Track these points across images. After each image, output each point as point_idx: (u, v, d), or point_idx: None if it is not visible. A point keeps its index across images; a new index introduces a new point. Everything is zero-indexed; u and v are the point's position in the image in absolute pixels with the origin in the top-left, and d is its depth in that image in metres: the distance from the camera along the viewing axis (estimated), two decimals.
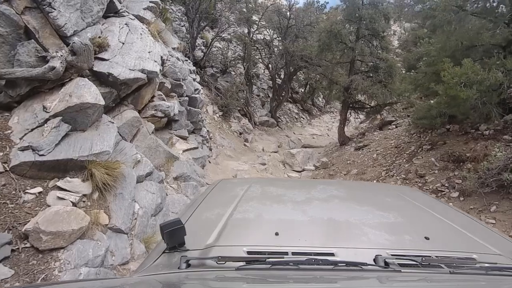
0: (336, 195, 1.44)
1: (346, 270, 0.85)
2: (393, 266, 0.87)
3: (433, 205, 1.40)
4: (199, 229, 1.10)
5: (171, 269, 0.89)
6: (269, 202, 1.35)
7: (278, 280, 0.84)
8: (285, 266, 0.86)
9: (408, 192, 1.60)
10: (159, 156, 4.85)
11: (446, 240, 1.06)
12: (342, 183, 2.89)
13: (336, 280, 0.85)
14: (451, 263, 0.88)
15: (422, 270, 0.86)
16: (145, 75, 4.44)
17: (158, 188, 4.02)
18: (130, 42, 4.67)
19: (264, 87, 14.95)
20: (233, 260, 0.86)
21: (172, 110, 5.06)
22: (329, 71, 8.77)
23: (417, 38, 10.49)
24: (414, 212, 1.29)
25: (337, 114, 20.95)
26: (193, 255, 0.93)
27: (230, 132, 9.54)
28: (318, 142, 11.63)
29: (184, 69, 6.00)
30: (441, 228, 1.14)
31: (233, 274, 0.83)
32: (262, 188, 1.55)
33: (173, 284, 0.85)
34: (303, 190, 1.51)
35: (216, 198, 1.46)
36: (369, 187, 2.26)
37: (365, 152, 7.04)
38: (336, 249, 0.94)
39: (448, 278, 0.84)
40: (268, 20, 13.62)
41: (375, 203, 1.36)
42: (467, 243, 1.04)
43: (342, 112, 8.80)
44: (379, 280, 0.85)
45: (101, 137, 3.67)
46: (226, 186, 1.71)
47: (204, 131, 6.73)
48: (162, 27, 7.03)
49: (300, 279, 0.85)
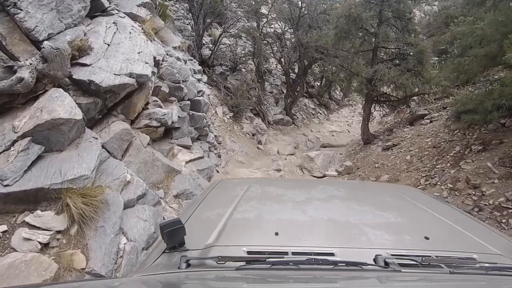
0: (336, 195, 1.44)
1: (346, 270, 0.85)
2: (393, 266, 0.86)
3: (433, 205, 1.40)
4: (199, 229, 1.09)
5: (171, 269, 0.89)
6: (269, 202, 1.35)
7: (278, 280, 0.84)
8: (285, 266, 0.86)
9: (408, 192, 1.61)
10: (157, 171, 4.24)
11: (446, 240, 1.06)
12: (342, 183, 2.78)
13: (336, 280, 0.84)
14: (451, 263, 0.87)
15: (422, 270, 0.85)
16: (133, 79, 3.81)
17: (152, 213, 3.39)
18: (117, 43, 4.06)
19: (277, 83, 14.11)
20: (233, 260, 0.86)
21: (170, 118, 4.42)
22: (348, 61, 7.82)
23: (448, 18, 9.23)
24: (414, 212, 1.29)
25: (356, 107, 19.84)
26: (193, 255, 0.92)
27: (241, 135, 8.85)
28: (338, 140, 10.69)
29: (184, 70, 5.34)
30: (441, 228, 1.14)
31: (233, 274, 0.83)
32: (262, 188, 1.55)
33: (173, 284, 0.85)
34: (303, 190, 1.51)
35: (216, 198, 1.45)
36: (369, 187, 2.22)
37: (396, 153, 6.10)
38: (336, 249, 0.94)
39: (448, 278, 0.83)
40: (278, 12, 12.75)
41: (375, 203, 1.36)
42: (467, 243, 1.03)
43: (365, 106, 7.84)
44: (379, 280, 0.84)
45: (80, 157, 3.08)
46: (226, 186, 1.70)
47: (211, 136, 6.07)
48: (160, 25, 6.42)
49: (300, 279, 0.85)
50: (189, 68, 6.59)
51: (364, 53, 8.07)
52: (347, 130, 12.71)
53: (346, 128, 13.15)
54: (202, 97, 5.74)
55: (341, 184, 2.39)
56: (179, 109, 4.93)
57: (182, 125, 4.98)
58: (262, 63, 11.33)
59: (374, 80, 7.20)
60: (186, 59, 6.62)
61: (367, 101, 7.80)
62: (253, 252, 0.93)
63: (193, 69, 7.08)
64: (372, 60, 7.70)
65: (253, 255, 0.91)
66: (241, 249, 0.94)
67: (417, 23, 7.60)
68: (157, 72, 4.65)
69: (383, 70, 6.62)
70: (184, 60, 6.25)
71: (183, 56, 6.42)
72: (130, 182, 3.45)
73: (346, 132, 12.39)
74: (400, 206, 1.35)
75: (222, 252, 0.91)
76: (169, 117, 4.37)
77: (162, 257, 0.97)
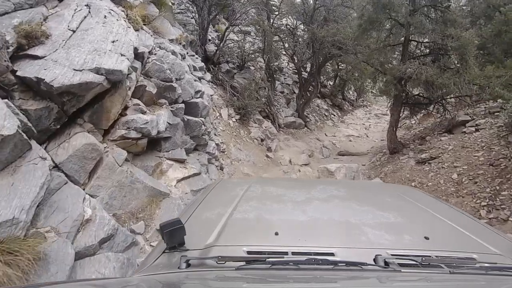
0: (336, 195, 1.43)
1: (346, 270, 0.85)
2: (393, 266, 0.86)
3: (433, 205, 1.39)
4: (199, 229, 1.09)
5: (171, 269, 0.89)
6: (269, 202, 1.33)
7: (278, 280, 0.84)
8: (285, 266, 0.86)
9: (408, 192, 1.61)
10: (137, 196, 3.28)
11: (446, 240, 1.06)
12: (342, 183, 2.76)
13: (336, 280, 0.84)
14: (451, 263, 0.87)
15: (422, 270, 0.85)
16: (102, 76, 2.84)
17: (119, 264, 2.42)
18: (85, 29, 3.11)
19: (289, 82, 13.04)
20: (233, 260, 0.86)
21: (155, 126, 3.45)
22: (374, 57, 6.69)
23: (489, 7, 7.97)
24: (414, 212, 1.29)
25: (371, 108, 18.60)
26: (193, 255, 0.92)
27: (249, 140, 7.85)
28: (357, 146, 9.55)
29: (178, 65, 4.37)
30: (441, 228, 1.14)
31: (233, 274, 0.83)
32: (262, 188, 1.54)
33: (173, 284, 0.84)
34: (303, 190, 1.50)
35: (216, 198, 1.44)
36: (369, 187, 2.12)
37: (436, 169, 4.98)
38: (336, 249, 0.94)
39: (448, 278, 0.83)
40: (290, 6, 11.69)
41: (375, 203, 1.35)
42: (467, 243, 1.03)
43: (393, 110, 6.70)
44: (379, 280, 0.84)
45: (13, 189, 2.14)
46: (226, 186, 1.70)
47: (212, 146, 5.09)
48: (153, 13, 5.47)
49: (300, 279, 0.85)
50: (188, 64, 5.62)
51: (390, 48, 6.94)
52: (365, 134, 11.53)
53: (364, 132, 11.97)
54: (201, 98, 4.75)
55: (341, 184, 2.37)
56: (170, 114, 3.96)
57: (174, 133, 4.01)
58: (272, 59, 10.27)
59: (406, 79, 6.08)
60: (184, 53, 5.65)
61: (395, 104, 6.66)
62: (253, 252, 0.93)
63: (193, 65, 6.11)
64: (402, 56, 6.57)
65: (253, 255, 0.91)
66: (241, 249, 0.94)
67: (456, 13, 6.41)
68: (141, 68, 3.68)
69: (419, 68, 5.49)
70: (182, 55, 5.29)
71: (181, 50, 5.45)
72: (91, 219, 2.49)
73: (364, 136, 11.22)
74: (400, 206, 1.34)
75: (222, 252, 0.91)
76: (154, 126, 3.40)
77: (162, 257, 0.96)
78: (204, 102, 4.78)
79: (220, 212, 1.19)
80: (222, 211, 1.19)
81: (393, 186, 2.67)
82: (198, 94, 4.75)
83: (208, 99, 5.63)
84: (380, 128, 12.59)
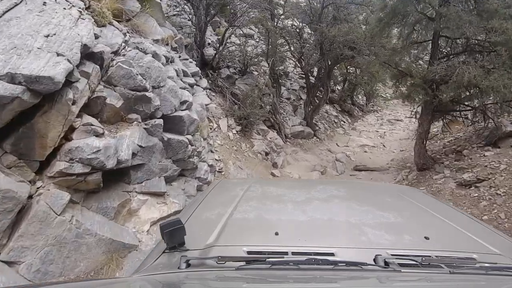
0: (336, 195, 1.42)
1: (346, 270, 0.85)
2: (393, 266, 0.86)
3: (433, 205, 1.38)
4: (199, 229, 1.09)
5: (171, 269, 0.89)
6: (269, 202, 1.34)
7: (278, 280, 0.84)
8: (285, 266, 0.86)
9: (408, 192, 1.59)
10: (87, 254, 2.28)
11: (446, 240, 1.05)
12: (342, 183, 2.72)
13: (336, 280, 0.84)
14: (451, 263, 0.87)
15: (422, 270, 0.85)
16: (20, 87, 1.89)
17: None
18: (8, 19, 2.17)
19: (295, 88, 12.05)
20: (233, 260, 0.86)
21: (112, 155, 2.46)
22: (397, 57, 5.66)
23: None
24: (414, 212, 1.28)
25: (383, 114, 17.41)
26: (193, 255, 0.92)
27: (251, 155, 6.85)
28: (374, 158, 8.46)
29: (157, 70, 3.41)
30: (441, 228, 1.13)
31: (233, 274, 0.83)
32: (262, 188, 1.54)
33: (173, 284, 0.84)
34: (303, 190, 1.50)
35: (216, 198, 1.44)
36: (369, 187, 2.14)
37: (487, 195, 3.90)
38: (336, 249, 0.94)
39: (448, 278, 0.83)
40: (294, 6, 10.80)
41: (375, 203, 1.35)
42: (467, 243, 1.03)
43: (422, 119, 5.62)
44: (379, 280, 0.84)
45: None
46: (226, 186, 1.70)
47: (203, 169, 4.09)
48: (134, 9, 4.58)
49: (300, 279, 0.85)
50: (177, 68, 4.67)
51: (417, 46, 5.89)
52: (381, 144, 10.41)
53: (379, 141, 10.84)
54: (188, 111, 3.77)
55: (341, 184, 2.24)
56: (144, 134, 3.00)
57: (148, 159, 3.04)
58: (277, 63, 9.33)
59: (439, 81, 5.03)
60: (172, 56, 4.72)
61: (424, 112, 5.58)
62: (253, 252, 0.93)
63: (184, 70, 5.16)
64: (432, 55, 5.52)
65: (253, 255, 0.92)
66: (241, 249, 0.94)
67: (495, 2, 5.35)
68: (99, 74, 2.73)
69: (459, 68, 4.44)
70: (167, 58, 4.36)
71: (167, 53, 4.51)
72: None
73: (381, 146, 10.11)
74: (400, 206, 1.34)
75: (222, 252, 0.91)
76: (110, 154, 2.41)
77: (162, 257, 0.96)
78: (192, 115, 3.81)
79: (220, 212, 1.19)
80: (222, 211, 1.19)
81: (393, 186, 2.62)
82: (185, 105, 3.78)
83: (201, 110, 4.66)
84: (396, 136, 11.46)
